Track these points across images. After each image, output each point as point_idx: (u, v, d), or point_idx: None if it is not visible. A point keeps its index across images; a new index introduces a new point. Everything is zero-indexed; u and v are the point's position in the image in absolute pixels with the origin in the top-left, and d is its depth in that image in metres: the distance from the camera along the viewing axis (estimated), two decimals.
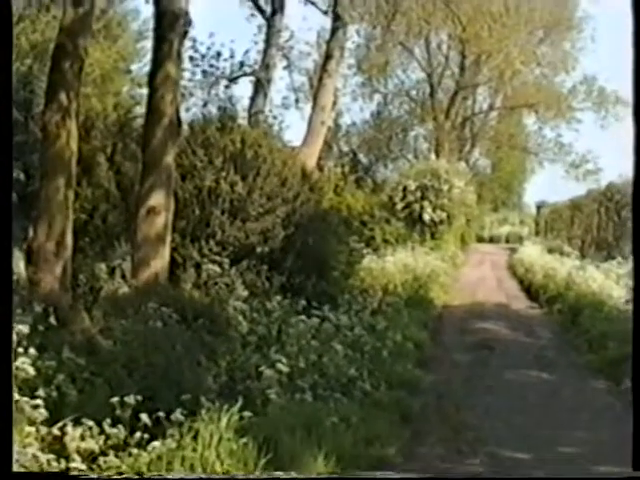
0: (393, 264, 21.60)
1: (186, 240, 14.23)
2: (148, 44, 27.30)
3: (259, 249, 14.57)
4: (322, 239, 15.94)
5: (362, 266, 19.63)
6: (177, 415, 6.91)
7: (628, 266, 21.38)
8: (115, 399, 6.85)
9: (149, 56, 15.45)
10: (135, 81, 32.58)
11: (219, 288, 12.95)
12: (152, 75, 13.77)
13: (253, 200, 14.81)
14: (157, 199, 12.98)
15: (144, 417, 6.68)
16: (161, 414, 6.87)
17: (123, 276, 12.81)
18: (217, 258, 13.80)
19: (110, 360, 8.57)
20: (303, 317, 11.96)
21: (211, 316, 11.11)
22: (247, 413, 7.17)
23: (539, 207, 46.27)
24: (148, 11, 24.67)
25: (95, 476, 5.95)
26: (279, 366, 8.93)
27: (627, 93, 39.26)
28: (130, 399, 6.85)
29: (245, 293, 12.93)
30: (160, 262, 12.89)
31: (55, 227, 10.83)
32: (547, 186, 49.65)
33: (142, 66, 32.93)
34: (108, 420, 6.60)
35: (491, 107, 51.43)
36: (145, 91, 16.28)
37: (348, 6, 25.86)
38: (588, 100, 45.39)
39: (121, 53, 32.12)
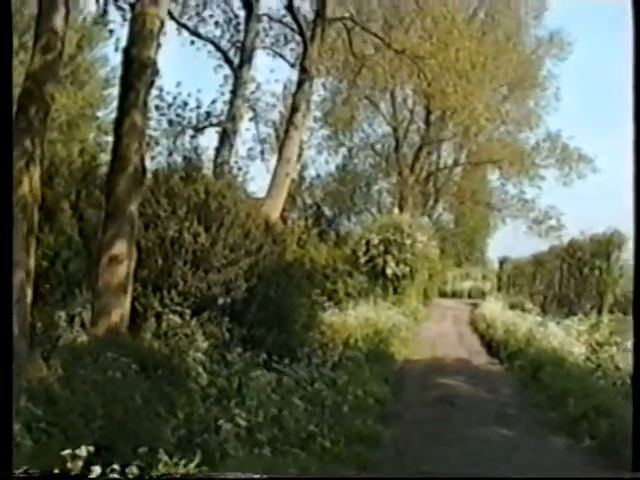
0: (355, 318, 21.57)
1: (148, 290, 14.12)
2: (115, 91, 27.31)
3: (221, 300, 14.50)
4: (284, 292, 15.91)
5: (324, 319, 19.58)
6: (132, 469, 6.79)
7: (589, 322, 21.55)
8: (67, 451, 6.70)
9: (115, 103, 15.44)
10: (101, 128, 32.58)
11: (179, 339, 12.84)
12: (118, 123, 13.73)
13: (216, 251, 14.76)
14: (120, 248, 12.89)
15: (96, 469, 6.55)
16: (116, 467, 6.74)
17: (83, 325, 12.68)
18: (178, 308, 13.71)
19: (67, 410, 8.45)
20: (263, 371, 11.89)
21: (171, 367, 11.00)
22: (205, 467, 7.08)
23: (502, 262, 46.51)
24: (116, 58, 24.75)
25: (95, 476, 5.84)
26: (238, 420, 8.85)
27: (590, 150, 39.85)
28: (82, 451, 6.70)
29: (206, 344, 12.83)
30: (121, 311, 12.77)
31: (16, 274, 10.72)
32: (510, 242, 50.18)
33: (108, 113, 32.98)
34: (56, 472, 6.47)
35: (456, 162, 51.90)
36: (111, 138, 16.25)
37: (315, 60, 26.08)
38: (551, 157, 45.98)
39: (88, 99, 32.16)
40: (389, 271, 29.46)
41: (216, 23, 29.23)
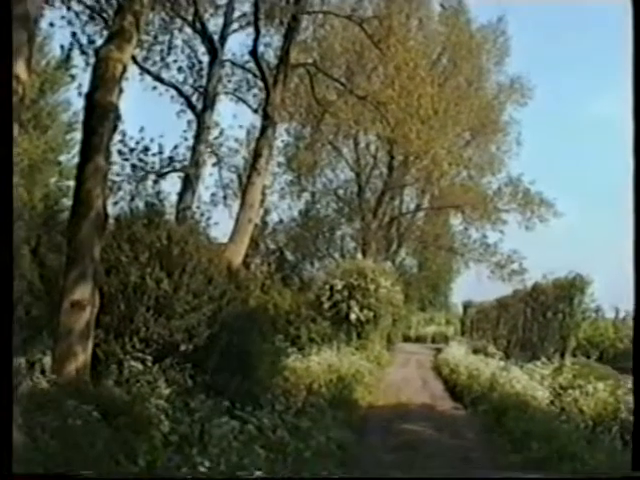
0: (318, 364, 21.48)
1: (109, 336, 13.99)
2: (77, 135, 27.38)
3: (183, 347, 14.40)
4: (247, 338, 15.83)
5: (287, 365, 19.49)
6: None
7: (552, 366, 21.60)
8: None
9: (78, 148, 15.39)
10: (63, 173, 32.47)
11: (141, 386, 12.71)
12: (80, 167, 13.68)
13: (179, 297, 14.68)
14: (82, 293, 12.79)
15: None
16: None
17: (43, 371, 12.53)
18: (140, 355, 13.58)
19: (27, 458, 8.31)
20: (226, 418, 11.78)
21: (132, 414, 10.88)
22: None
23: (465, 307, 46.61)
24: (79, 102, 24.78)
25: (95, 476, 5.74)
26: (200, 468, 8.75)
27: (551, 195, 40.19)
28: None
29: (168, 391, 12.70)
30: (82, 358, 12.64)
31: None
32: (473, 286, 50.39)
33: (71, 158, 32.91)
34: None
35: (418, 207, 52.15)
36: (73, 183, 16.18)
37: (278, 105, 26.18)
38: (513, 201, 46.35)
39: (50, 144, 32.07)
40: (353, 316, 29.40)
41: (179, 68, 29.37)
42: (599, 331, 34.52)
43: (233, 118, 32.57)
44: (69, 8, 25.57)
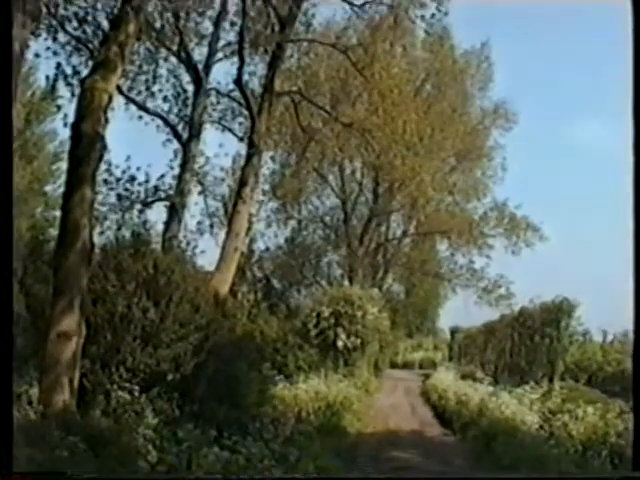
0: (305, 391, 21.41)
1: (96, 366, 13.93)
2: (63, 165, 27.36)
3: (170, 376, 14.34)
4: (235, 366, 15.79)
5: (274, 394, 19.42)
6: None
7: (541, 390, 21.58)
8: None
9: (64, 178, 15.38)
10: (49, 203, 32.41)
11: (129, 416, 12.67)
12: (66, 197, 13.67)
13: (165, 327, 14.64)
14: (68, 324, 12.76)
15: None
16: None
17: (30, 402, 12.47)
18: (127, 385, 13.53)
19: None
20: (214, 447, 11.72)
21: (120, 445, 10.83)
22: None
23: (453, 332, 46.60)
24: (65, 132, 24.78)
25: (95, 476, 5.69)
26: None
27: (537, 219, 40.30)
28: None
29: (155, 421, 12.66)
30: (69, 388, 12.59)
31: None
32: (461, 311, 50.38)
33: (57, 187, 32.88)
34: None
35: (404, 233, 52.21)
36: (59, 213, 16.17)
37: (263, 133, 26.24)
38: (499, 226, 46.44)
39: (36, 174, 32.04)
40: (340, 343, 29.34)
41: (165, 98, 29.42)
42: (587, 355, 34.50)
43: (219, 147, 32.52)
44: (55, 39, 25.68)
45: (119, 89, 23.94)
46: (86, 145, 13.60)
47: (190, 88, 29.29)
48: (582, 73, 47.25)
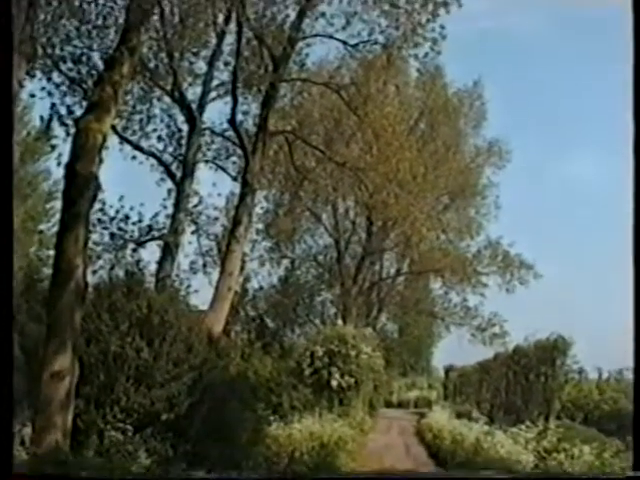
0: (300, 431, 21.27)
1: (90, 406, 13.87)
2: (57, 204, 27.32)
3: (164, 416, 14.28)
4: (228, 406, 15.72)
5: (268, 433, 19.31)
6: None
7: (536, 429, 21.48)
8: None
9: (58, 216, 15.39)
10: (43, 242, 32.33)
11: (122, 456, 12.58)
12: (60, 237, 13.68)
13: (159, 366, 14.59)
14: (62, 363, 12.71)
15: None
16: None
17: (23, 443, 12.39)
18: (121, 425, 13.47)
19: None
20: None
21: None
22: None
23: (447, 371, 46.31)
24: (59, 171, 24.83)
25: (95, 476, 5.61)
26: None
27: (530, 256, 40.31)
28: None
29: (148, 461, 12.58)
30: (62, 429, 12.52)
31: None
32: (455, 350, 50.23)
33: (51, 226, 32.82)
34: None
35: (398, 272, 52.11)
36: (53, 252, 16.15)
37: (257, 173, 26.32)
38: (493, 264, 46.36)
39: (30, 213, 31.96)
40: (334, 383, 29.21)
41: (159, 137, 29.49)
42: (583, 393, 34.40)
43: (212, 186, 32.54)
44: (50, 79, 25.81)
45: (113, 129, 24.02)
46: (80, 185, 13.61)
47: (184, 127, 29.37)
48: (577, 110, 47.41)
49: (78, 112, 24.14)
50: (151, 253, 28.03)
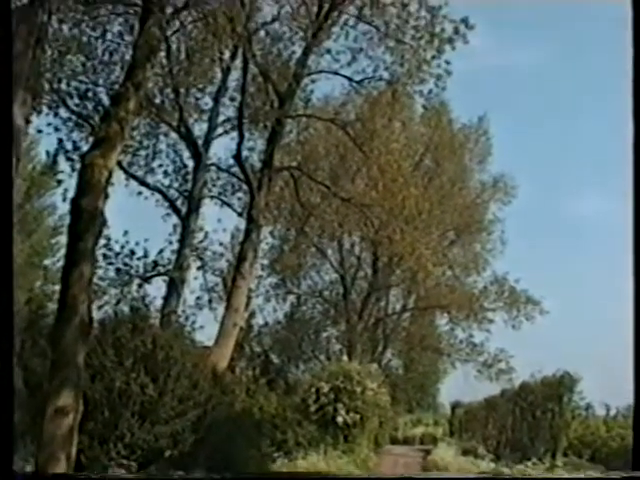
0: (305, 469, 21.14)
1: (94, 442, 13.80)
2: (63, 239, 27.43)
3: (168, 452, 14.21)
4: (233, 443, 15.63)
5: (273, 470, 19.18)
6: None
7: (543, 467, 21.33)
8: None
9: (63, 251, 15.40)
10: (48, 277, 32.33)
11: None
12: (65, 272, 13.65)
13: (164, 403, 14.53)
14: (66, 399, 12.62)
15: None
16: None
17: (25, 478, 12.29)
18: (125, 462, 13.39)
19: None
20: None
21: None
22: None
23: (453, 407, 45.97)
24: (65, 206, 24.94)
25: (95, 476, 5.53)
26: None
27: (537, 292, 40.18)
28: None
29: None
30: (65, 464, 12.42)
31: None
32: (461, 386, 49.90)
33: (56, 261, 32.85)
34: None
35: (404, 308, 51.95)
36: (58, 287, 16.12)
37: (262, 209, 26.36)
38: (499, 300, 46.16)
39: (35, 248, 32.00)
40: (339, 419, 29.00)
41: (164, 173, 29.59)
42: (590, 430, 34.09)
43: (218, 222, 32.60)
44: (56, 114, 25.98)
45: (119, 164, 24.09)
46: (85, 221, 13.60)
47: (190, 163, 29.50)
48: (581, 145, 47.43)
49: (84, 147, 24.27)
50: (157, 289, 28.06)
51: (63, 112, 26.28)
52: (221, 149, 31.01)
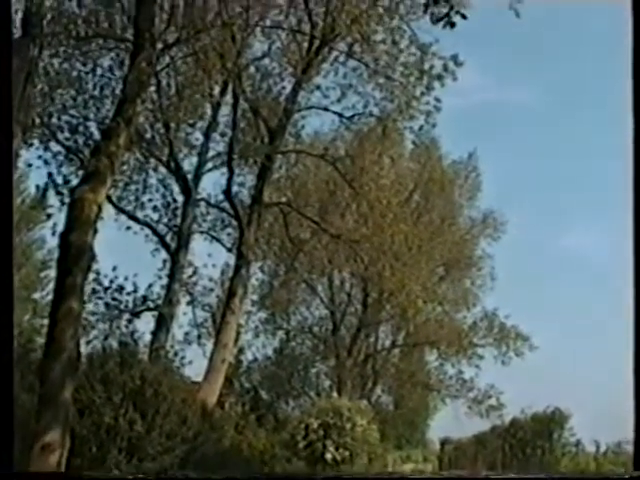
0: None
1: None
2: (51, 273, 27.31)
3: None
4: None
5: None
6: None
7: None
8: None
9: (52, 285, 15.33)
10: (37, 311, 32.21)
11: None
12: (54, 306, 13.61)
13: (152, 439, 14.44)
14: (53, 435, 12.53)
15: None
16: None
17: None
18: None
19: None
20: None
21: None
22: None
23: (443, 443, 45.73)
24: (54, 240, 24.96)
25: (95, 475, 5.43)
26: None
27: (526, 328, 40.14)
28: None
29: None
30: None
31: None
32: (451, 422, 49.62)
33: (45, 295, 32.72)
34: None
35: (393, 344, 51.80)
36: (46, 321, 16.05)
37: (252, 244, 26.34)
38: (489, 336, 46.03)
39: (24, 281, 31.86)
40: (328, 456, 28.84)
41: (154, 207, 29.54)
42: (580, 466, 34.00)
43: (207, 257, 32.54)
44: (46, 148, 26.00)
45: (109, 199, 24.07)
46: (74, 255, 13.57)
47: (180, 198, 29.46)
48: (572, 180, 47.59)
49: (74, 181, 24.29)
50: (146, 324, 27.95)
51: (53, 146, 26.34)
52: (211, 184, 30.97)
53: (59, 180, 26.53)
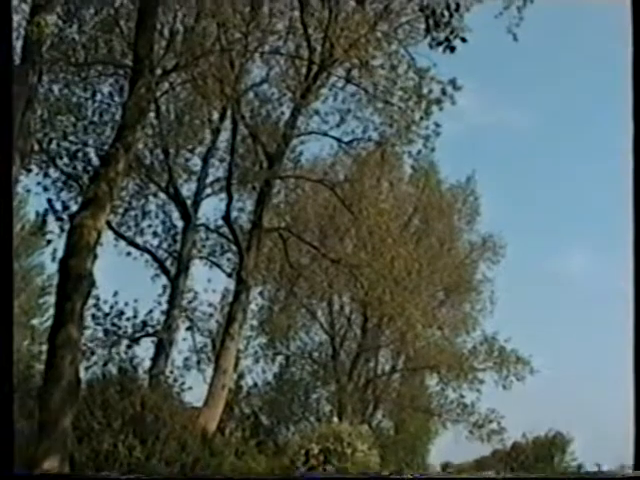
0: None
1: None
2: (51, 299, 27.27)
3: None
4: None
5: None
6: None
7: None
8: None
9: (51, 311, 15.33)
10: (36, 337, 32.17)
11: None
12: (53, 332, 13.59)
13: (151, 465, 14.38)
14: (52, 463, 12.49)
15: None
16: None
17: None
18: None
19: None
20: None
21: None
22: None
23: (444, 468, 45.68)
24: (53, 266, 24.96)
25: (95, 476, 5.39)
26: None
27: (526, 352, 40.09)
28: None
29: None
30: None
31: None
32: (451, 447, 49.40)
33: (44, 321, 32.69)
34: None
35: (393, 369, 51.68)
36: (45, 348, 16.03)
37: (251, 269, 26.32)
38: (489, 360, 45.89)
39: (23, 307, 31.84)
40: None
41: (154, 233, 29.57)
42: None
43: (207, 282, 32.51)
44: (46, 174, 26.03)
45: (108, 224, 24.10)
46: (74, 281, 13.58)
47: (179, 224, 29.48)
48: (571, 204, 47.63)
49: (73, 207, 24.31)
50: (145, 349, 27.89)
51: (53, 172, 26.35)
52: (210, 210, 30.99)
53: (58, 206, 26.55)
